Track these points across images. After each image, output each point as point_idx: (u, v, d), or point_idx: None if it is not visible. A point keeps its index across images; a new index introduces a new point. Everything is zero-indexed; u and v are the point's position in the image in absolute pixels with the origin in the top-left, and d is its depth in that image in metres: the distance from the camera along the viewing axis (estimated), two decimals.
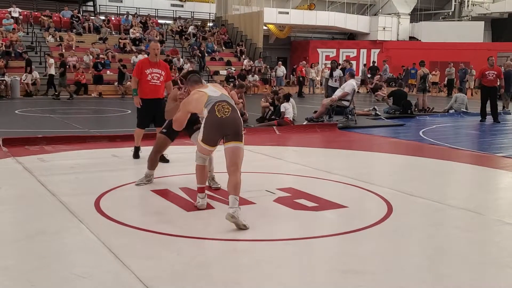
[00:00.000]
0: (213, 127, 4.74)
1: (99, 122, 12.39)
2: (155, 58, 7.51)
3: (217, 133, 4.76)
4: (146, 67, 7.43)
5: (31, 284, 3.29)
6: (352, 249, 4.09)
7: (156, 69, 7.47)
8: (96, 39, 24.80)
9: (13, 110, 14.55)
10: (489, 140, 10.91)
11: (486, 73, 13.98)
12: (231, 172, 4.67)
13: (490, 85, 14.00)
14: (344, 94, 12.85)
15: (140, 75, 7.41)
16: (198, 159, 5.02)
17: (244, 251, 3.97)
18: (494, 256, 3.98)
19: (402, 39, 36.25)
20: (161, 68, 7.54)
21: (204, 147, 4.88)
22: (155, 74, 7.45)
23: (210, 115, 4.73)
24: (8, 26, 23.36)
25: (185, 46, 27.20)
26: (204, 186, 5.13)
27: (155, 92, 7.47)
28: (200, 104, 4.85)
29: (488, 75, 13.98)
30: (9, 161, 7.28)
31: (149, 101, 7.43)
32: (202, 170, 5.04)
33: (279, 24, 34.68)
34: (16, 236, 4.25)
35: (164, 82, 7.55)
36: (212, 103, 4.78)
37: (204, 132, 4.80)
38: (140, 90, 7.45)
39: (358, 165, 7.88)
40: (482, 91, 14.28)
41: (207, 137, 4.80)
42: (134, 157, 7.61)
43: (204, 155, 4.99)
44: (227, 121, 4.69)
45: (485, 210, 5.23)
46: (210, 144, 4.84)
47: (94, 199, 5.27)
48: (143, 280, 3.32)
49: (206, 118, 4.76)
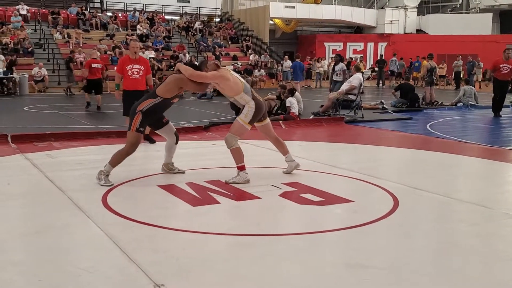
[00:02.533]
0: (260, 110, 5.95)
1: (107, 118, 12.44)
2: (134, 55, 8.50)
3: (260, 115, 5.99)
4: (127, 64, 8.43)
5: (38, 278, 3.33)
6: (358, 243, 4.09)
7: (136, 65, 8.45)
8: (103, 36, 24.87)
9: (22, 107, 14.65)
10: (496, 133, 10.86)
11: (501, 66, 13.13)
12: (276, 139, 6.28)
13: (503, 79, 13.27)
14: (351, 87, 12.80)
15: (122, 71, 8.44)
16: (236, 143, 5.92)
17: (249, 246, 3.99)
18: (500, 250, 3.97)
19: (409, 32, 36.09)
20: (141, 64, 8.51)
21: (247, 128, 5.98)
22: (135, 69, 8.43)
23: (256, 101, 5.92)
24: (16, 23, 23.47)
25: (191, 41, 27.22)
26: (244, 163, 5.92)
27: (135, 85, 8.43)
28: (239, 87, 5.86)
29: (502, 68, 13.12)
30: (18, 157, 7.34)
31: (131, 92, 8.34)
32: (240, 150, 5.94)
33: (285, 19, 34.61)
34: (24, 231, 4.30)
35: (144, 76, 8.54)
36: (249, 89, 5.94)
37: (254, 115, 5.90)
38: (123, 83, 8.48)
39: (365, 159, 7.87)
40: (494, 84, 13.50)
41: (254, 119, 5.95)
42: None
43: (240, 137, 5.97)
44: (265, 105, 6.12)
45: (492, 203, 5.21)
46: (251, 125, 5.98)
47: (101, 195, 5.31)
48: (149, 274, 3.35)
49: (256, 103, 5.89)
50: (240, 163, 5.89)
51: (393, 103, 15.43)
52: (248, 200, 5.21)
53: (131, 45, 8.60)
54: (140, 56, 8.65)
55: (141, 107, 5.85)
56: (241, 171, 5.87)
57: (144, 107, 5.84)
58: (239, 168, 5.88)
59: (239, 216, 4.76)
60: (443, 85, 27.15)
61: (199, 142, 8.98)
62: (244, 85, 5.93)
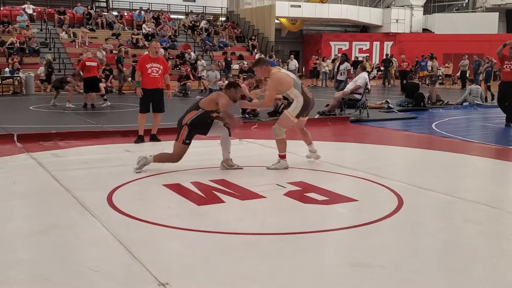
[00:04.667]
0: (308, 106, 6.52)
1: (113, 117, 12.48)
2: (155, 55, 8.69)
3: (307, 111, 6.56)
4: (147, 62, 8.57)
5: (44, 277, 3.35)
6: (362, 242, 4.09)
7: (155, 64, 8.60)
8: (109, 35, 24.93)
9: (28, 106, 14.71)
10: (502, 132, 10.80)
11: (505, 63, 11.31)
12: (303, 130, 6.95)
13: (507, 80, 11.31)
14: (356, 87, 12.78)
15: (142, 69, 8.54)
16: (282, 134, 6.52)
17: (254, 245, 4.00)
18: (505, 249, 3.97)
19: (415, 31, 35.97)
20: (160, 63, 8.67)
21: (294, 121, 6.53)
22: (154, 68, 8.58)
23: (305, 96, 6.46)
24: (22, 23, 23.56)
25: (197, 41, 27.24)
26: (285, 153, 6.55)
27: (154, 83, 8.60)
28: (289, 83, 6.43)
29: (506, 66, 11.28)
30: (24, 157, 7.37)
31: (149, 90, 8.57)
32: (285, 141, 6.55)
33: (291, 18, 34.58)
34: (30, 230, 4.32)
35: (162, 75, 8.70)
36: (299, 84, 6.49)
37: (301, 110, 6.46)
38: (142, 81, 8.57)
39: (370, 158, 7.86)
40: (499, 87, 11.82)
41: (301, 114, 6.50)
42: (135, 142, 8.53)
43: (286, 129, 6.57)
44: (313, 102, 6.66)
45: (497, 203, 5.20)
46: (298, 119, 6.53)
47: (106, 194, 5.33)
48: (154, 273, 3.36)
49: (304, 99, 6.44)
50: (282, 152, 6.55)
51: (398, 102, 15.40)
52: (253, 199, 5.21)
53: (153, 45, 8.92)
54: (159, 56, 8.92)
55: (185, 120, 6.38)
56: (282, 159, 6.54)
57: (188, 119, 6.36)
58: (281, 157, 6.56)
59: (244, 215, 4.77)
60: (449, 85, 27.06)
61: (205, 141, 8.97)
62: (295, 81, 6.51)
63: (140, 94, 8.55)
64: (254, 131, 10.27)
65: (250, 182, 5.86)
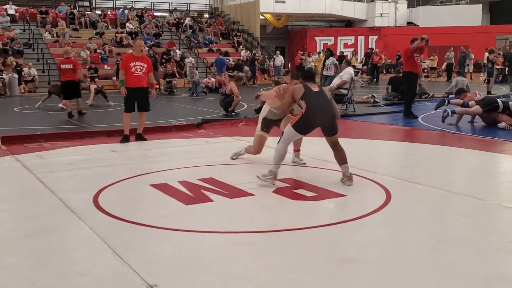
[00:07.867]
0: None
1: (97, 117, 12.36)
2: (139, 53, 8.62)
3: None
4: (131, 61, 8.49)
5: (31, 281, 3.30)
6: (351, 237, 4.09)
7: (139, 62, 8.52)
8: (93, 34, 24.71)
9: (12, 107, 14.52)
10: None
11: (416, 58, 11.28)
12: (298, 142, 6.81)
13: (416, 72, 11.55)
14: (342, 82, 12.80)
15: (125, 67, 8.46)
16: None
17: (243, 243, 3.97)
18: (494, 242, 3.97)
19: (399, 24, 36.07)
20: (144, 62, 8.59)
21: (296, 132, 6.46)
22: (138, 67, 8.50)
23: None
24: (4, 24, 23.27)
25: (182, 38, 27.11)
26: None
27: (138, 82, 8.53)
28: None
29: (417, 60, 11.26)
30: (8, 159, 7.27)
31: (133, 89, 8.51)
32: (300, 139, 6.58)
33: (276, 13, 34.50)
34: (16, 233, 4.26)
35: (146, 73, 8.60)
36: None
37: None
38: (126, 80, 8.49)
39: (357, 153, 7.83)
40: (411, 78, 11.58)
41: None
42: (121, 142, 8.41)
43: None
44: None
45: (485, 195, 5.22)
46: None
47: (92, 195, 5.26)
48: (142, 275, 3.32)
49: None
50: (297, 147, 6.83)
51: (384, 97, 15.45)
52: (242, 197, 5.19)
53: (137, 43, 8.86)
54: (143, 54, 8.86)
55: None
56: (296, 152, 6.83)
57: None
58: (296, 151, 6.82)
59: (233, 214, 4.73)
60: (434, 77, 27.20)
61: (192, 139, 8.94)
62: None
63: (124, 93, 8.49)
64: (242, 127, 10.26)
65: (238, 179, 5.83)
